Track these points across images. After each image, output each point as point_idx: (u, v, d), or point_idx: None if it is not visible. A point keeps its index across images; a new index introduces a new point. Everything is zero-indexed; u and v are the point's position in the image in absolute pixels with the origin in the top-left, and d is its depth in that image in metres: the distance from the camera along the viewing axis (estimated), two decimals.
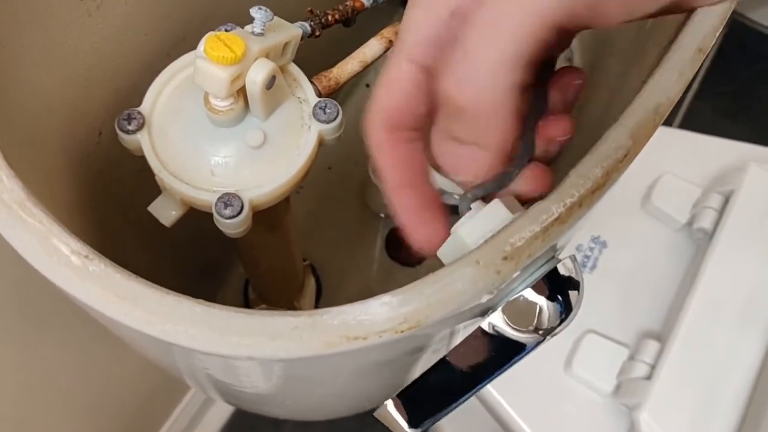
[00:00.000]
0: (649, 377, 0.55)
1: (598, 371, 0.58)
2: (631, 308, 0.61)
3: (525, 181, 0.27)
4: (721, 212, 0.60)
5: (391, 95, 0.26)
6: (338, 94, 0.36)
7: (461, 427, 0.78)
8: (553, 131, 0.27)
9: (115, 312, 0.22)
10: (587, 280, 0.62)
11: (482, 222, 0.25)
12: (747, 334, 0.56)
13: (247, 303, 0.56)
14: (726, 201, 0.61)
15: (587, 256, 0.63)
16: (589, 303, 0.59)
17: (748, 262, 0.58)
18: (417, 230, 0.27)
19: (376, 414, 0.26)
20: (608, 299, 0.61)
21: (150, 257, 0.43)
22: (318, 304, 0.56)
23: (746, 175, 0.60)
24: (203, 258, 0.52)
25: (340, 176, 0.61)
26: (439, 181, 0.28)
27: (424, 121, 0.27)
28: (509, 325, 0.25)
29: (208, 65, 0.29)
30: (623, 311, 0.61)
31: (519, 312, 0.25)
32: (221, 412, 0.92)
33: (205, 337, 0.22)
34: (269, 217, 0.36)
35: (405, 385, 0.26)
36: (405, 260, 0.55)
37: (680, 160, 0.65)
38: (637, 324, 0.60)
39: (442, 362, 0.25)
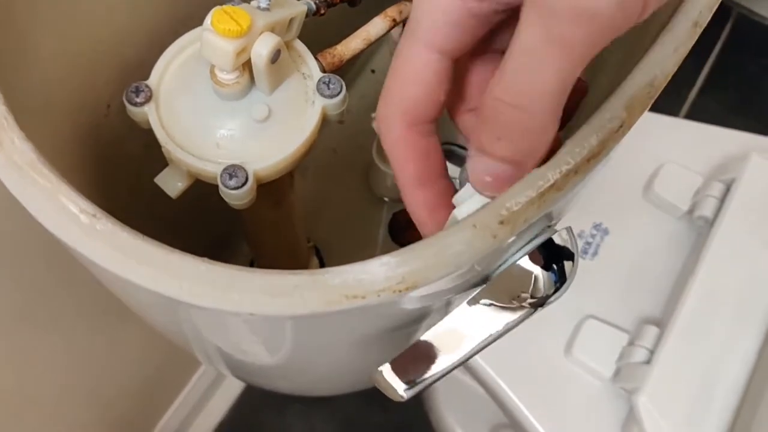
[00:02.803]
0: (648, 362, 0.55)
1: (598, 356, 0.59)
2: (632, 294, 0.61)
3: None
4: (722, 200, 0.61)
5: (410, 87, 0.25)
6: (343, 79, 0.37)
7: (461, 411, 0.79)
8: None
9: (121, 269, 0.23)
10: (589, 267, 0.62)
11: (480, 202, 0.25)
12: (746, 321, 0.57)
13: None
14: (727, 189, 0.61)
15: (589, 243, 0.63)
16: (590, 289, 0.60)
17: (748, 250, 0.59)
18: (431, 227, 0.27)
19: (371, 378, 0.26)
20: (609, 285, 0.62)
21: (156, 232, 0.44)
22: None
23: (748, 164, 0.61)
24: (209, 236, 0.53)
25: (344, 159, 0.62)
26: None
27: (442, 110, 0.27)
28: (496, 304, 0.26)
29: (214, 38, 0.30)
30: (624, 297, 0.61)
31: (513, 281, 0.26)
32: (226, 396, 0.93)
33: (208, 293, 0.22)
34: (274, 191, 0.37)
35: None
36: (408, 244, 0.56)
37: (682, 149, 0.65)
38: (638, 310, 0.61)
39: (434, 329, 0.26)
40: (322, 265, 0.57)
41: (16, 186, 0.23)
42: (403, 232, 0.60)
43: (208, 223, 0.49)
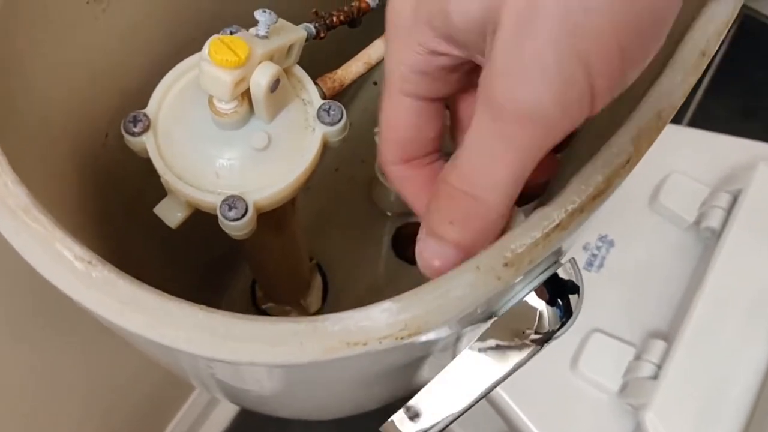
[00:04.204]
0: (655, 377, 0.55)
1: (604, 370, 0.58)
2: (638, 307, 0.61)
3: None
4: (730, 211, 0.60)
5: (400, 132, 0.26)
6: (345, 92, 0.36)
7: (466, 426, 0.78)
8: None
9: (118, 317, 0.22)
10: (594, 279, 0.62)
11: None
12: (754, 334, 0.56)
13: (254, 301, 0.56)
14: (734, 200, 0.60)
15: (594, 255, 0.63)
16: (595, 302, 0.59)
17: (756, 262, 0.58)
18: None
19: (381, 429, 0.26)
20: (615, 298, 0.61)
21: (156, 257, 0.44)
22: (325, 302, 0.56)
23: (755, 174, 0.60)
24: (210, 257, 0.52)
25: (347, 175, 0.61)
26: None
27: (440, 140, 0.27)
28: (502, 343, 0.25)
29: (212, 68, 0.29)
30: (630, 310, 0.61)
31: (517, 318, 0.25)
32: (226, 412, 0.92)
33: (207, 342, 0.22)
34: (275, 218, 0.36)
35: (412, 385, 0.26)
36: (412, 259, 0.55)
37: (688, 159, 0.65)
38: (644, 323, 0.60)
39: (441, 375, 0.25)
40: (325, 282, 0.57)
41: (9, 231, 0.23)
42: (406, 246, 0.60)
43: (210, 245, 0.48)
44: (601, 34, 0.19)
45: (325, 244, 0.58)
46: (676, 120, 0.69)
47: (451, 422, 0.25)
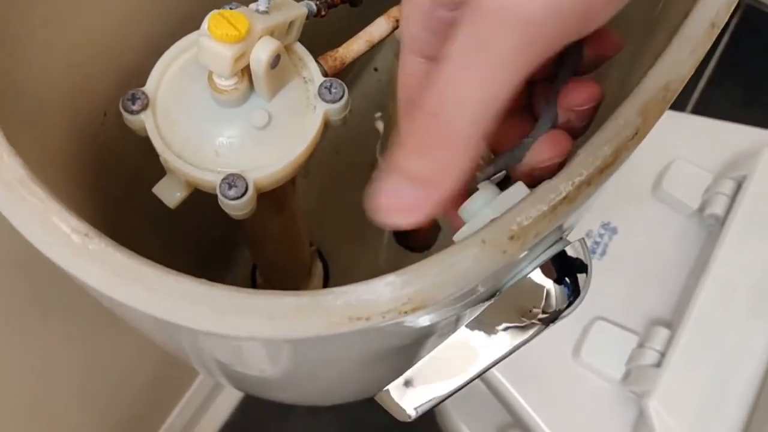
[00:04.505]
0: (658, 365, 0.54)
1: (607, 358, 0.58)
2: (641, 295, 0.60)
3: (541, 149, 0.25)
4: (733, 198, 0.59)
5: (411, 90, 0.25)
6: (346, 78, 0.36)
7: (468, 412, 0.78)
8: (577, 98, 0.24)
9: (115, 291, 0.22)
10: (597, 267, 0.61)
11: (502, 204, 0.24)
12: (758, 322, 0.56)
13: (254, 287, 0.55)
14: (738, 187, 0.60)
15: (597, 243, 0.62)
16: (598, 289, 0.59)
17: (759, 249, 0.58)
18: None
19: (377, 398, 0.25)
20: (618, 286, 0.61)
21: (156, 239, 0.43)
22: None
23: (759, 161, 0.59)
24: (210, 240, 0.52)
25: (347, 160, 0.61)
26: None
27: None
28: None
29: (211, 43, 0.29)
30: (633, 298, 0.60)
31: (523, 295, 0.25)
32: (229, 401, 0.92)
33: (206, 316, 0.21)
34: (275, 198, 0.36)
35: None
36: (413, 246, 0.55)
37: (692, 146, 0.64)
38: (647, 311, 0.60)
39: (443, 347, 0.25)
40: (326, 268, 0.56)
41: (5, 204, 0.22)
42: (407, 233, 0.59)
43: (210, 228, 0.48)
44: None
45: (326, 230, 0.58)
46: (679, 108, 0.69)
47: (450, 395, 0.25)
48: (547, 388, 0.59)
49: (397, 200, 0.21)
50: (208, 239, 0.51)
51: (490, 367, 0.25)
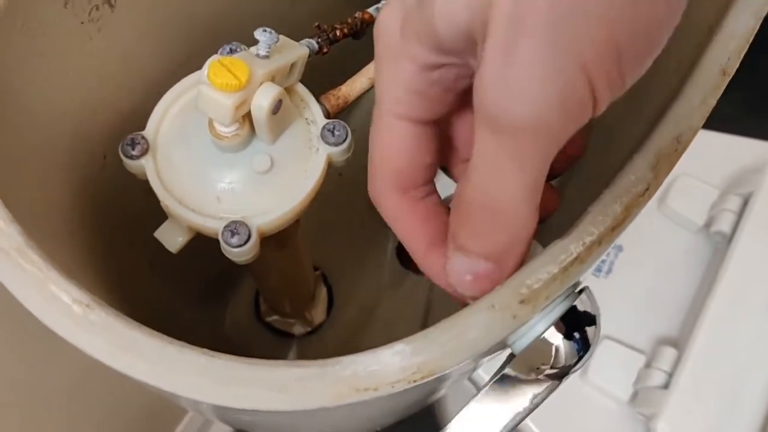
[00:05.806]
0: (666, 386, 0.54)
1: (614, 378, 0.57)
2: (648, 313, 0.60)
3: None
4: (740, 215, 0.59)
5: (393, 160, 0.24)
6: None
7: None
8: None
9: (117, 363, 0.21)
10: (603, 285, 0.61)
11: None
12: (767, 341, 0.55)
13: (258, 314, 0.55)
14: (745, 203, 0.59)
15: (603, 260, 0.62)
16: (605, 308, 0.58)
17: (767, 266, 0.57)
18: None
19: None
20: (624, 304, 0.60)
21: (158, 276, 0.43)
22: (329, 314, 0.55)
23: (765, 177, 0.59)
24: (213, 270, 0.51)
25: (350, 182, 0.60)
26: None
27: (435, 168, 0.26)
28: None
29: (211, 92, 0.28)
30: (639, 316, 0.60)
31: (532, 353, 0.24)
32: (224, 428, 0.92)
33: (209, 388, 0.21)
34: (278, 237, 0.35)
35: (425, 405, 0.25)
36: (416, 268, 0.54)
37: (697, 161, 0.63)
38: (654, 330, 0.59)
39: (461, 416, 0.24)
40: (330, 292, 0.56)
41: (3, 274, 0.22)
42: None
43: (212, 259, 0.47)
44: (595, 31, 0.18)
45: (329, 252, 0.57)
46: None
47: None
48: (554, 408, 0.58)
49: (473, 276, 0.22)
50: (211, 272, 0.51)
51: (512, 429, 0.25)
